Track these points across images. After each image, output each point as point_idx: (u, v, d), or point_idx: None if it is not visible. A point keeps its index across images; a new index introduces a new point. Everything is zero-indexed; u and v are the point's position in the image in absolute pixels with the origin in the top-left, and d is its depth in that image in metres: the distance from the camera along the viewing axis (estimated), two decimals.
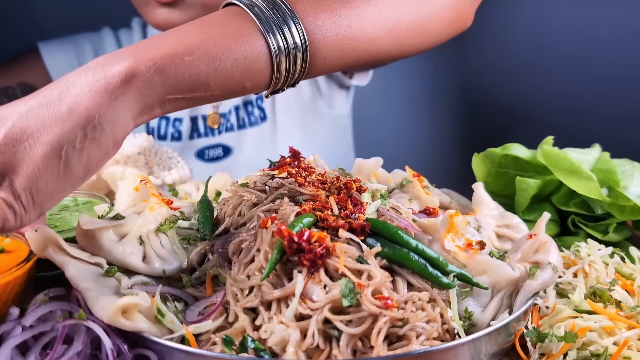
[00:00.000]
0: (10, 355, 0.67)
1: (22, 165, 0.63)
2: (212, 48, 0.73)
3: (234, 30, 0.76)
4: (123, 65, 0.67)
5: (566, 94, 1.82)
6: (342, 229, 0.73)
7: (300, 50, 0.78)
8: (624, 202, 1.00)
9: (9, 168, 0.63)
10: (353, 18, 0.85)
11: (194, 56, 0.72)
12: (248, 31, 0.76)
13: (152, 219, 0.86)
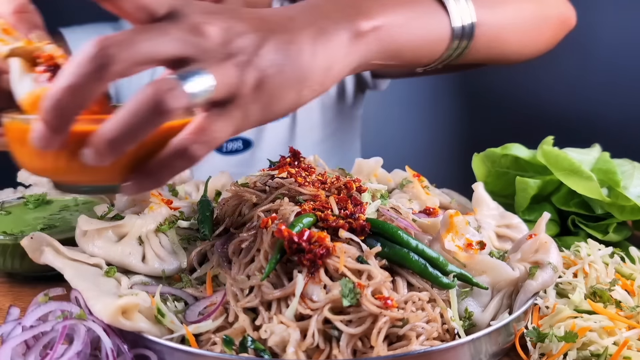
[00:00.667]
0: (11, 355, 0.67)
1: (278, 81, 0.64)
2: (417, 24, 0.83)
3: (431, 10, 0.86)
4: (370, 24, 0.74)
5: (566, 94, 1.82)
6: (342, 229, 0.73)
7: (467, 38, 0.90)
8: (624, 202, 1.00)
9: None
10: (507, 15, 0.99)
11: (403, 29, 0.80)
12: (441, 14, 0.87)
13: (151, 219, 0.86)
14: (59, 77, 0.52)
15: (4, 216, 1.02)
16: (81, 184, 0.62)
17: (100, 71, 0.51)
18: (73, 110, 0.53)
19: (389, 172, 1.05)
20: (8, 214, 1.03)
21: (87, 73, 0.51)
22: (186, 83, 0.54)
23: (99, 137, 0.53)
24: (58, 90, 0.52)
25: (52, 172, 0.61)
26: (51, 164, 0.59)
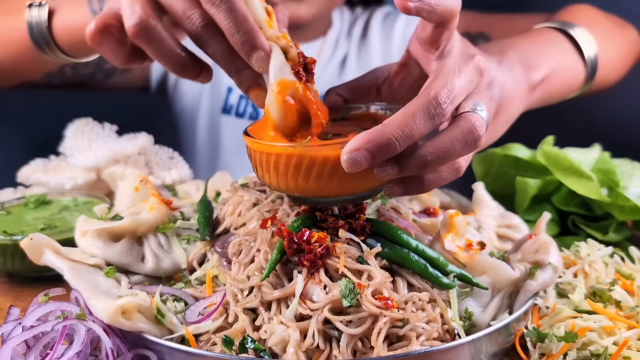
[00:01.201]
0: (11, 355, 0.67)
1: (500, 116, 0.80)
2: (565, 66, 1.01)
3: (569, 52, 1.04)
4: (539, 75, 0.91)
5: None
6: (342, 229, 0.73)
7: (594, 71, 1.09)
8: (623, 202, 1.00)
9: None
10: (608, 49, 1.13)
11: (557, 75, 0.96)
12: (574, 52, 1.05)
13: (151, 219, 0.86)
14: (399, 121, 0.61)
15: (4, 216, 1.02)
16: (344, 195, 0.71)
17: (432, 122, 0.62)
18: (396, 150, 0.62)
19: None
20: (8, 214, 1.03)
21: (420, 128, 0.62)
22: (482, 115, 0.66)
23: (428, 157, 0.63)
24: (396, 134, 0.61)
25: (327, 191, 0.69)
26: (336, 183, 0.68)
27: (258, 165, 0.71)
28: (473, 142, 0.65)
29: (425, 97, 0.63)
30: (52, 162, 1.19)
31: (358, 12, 1.65)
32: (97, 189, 1.18)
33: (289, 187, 0.70)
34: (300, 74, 0.69)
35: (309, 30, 1.54)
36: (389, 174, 0.64)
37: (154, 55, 0.71)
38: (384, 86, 0.82)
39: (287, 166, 0.67)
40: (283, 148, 0.67)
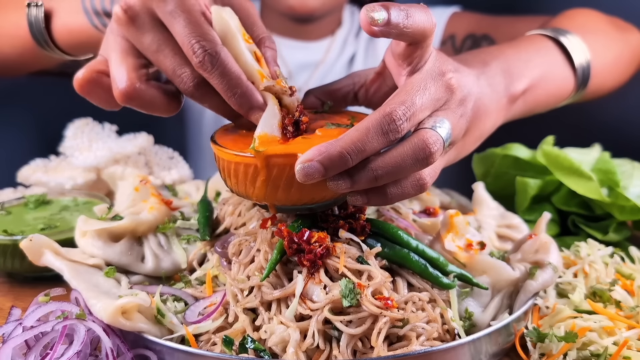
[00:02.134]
0: (11, 355, 0.67)
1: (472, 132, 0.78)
2: (552, 76, 0.98)
3: (557, 60, 1.00)
4: (521, 86, 0.89)
5: None
6: (342, 229, 0.73)
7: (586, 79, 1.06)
8: (623, 202, 1.00)
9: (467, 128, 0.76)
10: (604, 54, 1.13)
11: (541, 86, 0.94)
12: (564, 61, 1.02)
13: (151, 219, 0.86)
14: (351, 136, 0.62)
15: (4, 216, 1.02)
16: (307, 204, 0.70)
17: (386, 138, 0.63)
18: (348, 164, 0.62)
19: None
20: (8, 214, 1.03)
21: (373, 143, 0.62)
22: (440, 132, 0.66)
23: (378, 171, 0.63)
24: (348, 148, 0.61)
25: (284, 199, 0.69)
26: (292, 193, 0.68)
27: (221, 171, 0.72)
28: (424, 159, 0.64)
29: (381, 114, 0.63)
30: (52, 162, 1.19)
31: None
32: (97, 189, 1.18)
33: (249, 195, 0.70)
34: (288, 129, 0.68)
35: (317, 28, 1.55)
36: (341, 188, 0.64)
37: (141, 109, 0.71)
38: (360, 92, 0.83)
39: (245, 175, 0.68)
40: (242, 157, 0.67)
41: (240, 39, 0.66)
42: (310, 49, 1.59)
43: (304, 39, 1.59)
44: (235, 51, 0.66)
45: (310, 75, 1.59)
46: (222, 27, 0.65)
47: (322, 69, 1.59)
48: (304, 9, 1.45)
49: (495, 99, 0.83)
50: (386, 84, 0.81)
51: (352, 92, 0.82)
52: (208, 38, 0.64)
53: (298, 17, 1.51)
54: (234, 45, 0.66)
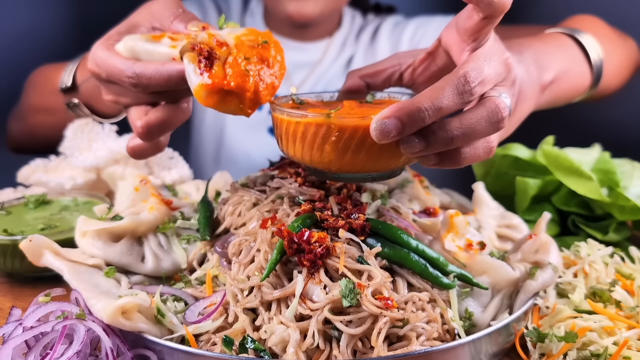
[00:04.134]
0: (12, 355, 0.67)
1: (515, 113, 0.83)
2: (573, 70, 1.04)
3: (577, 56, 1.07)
4: (550, 76, 0.93)
5: None
6: (342, 229, 0.73)
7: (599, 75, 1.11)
8: (624, 202, 1.00)
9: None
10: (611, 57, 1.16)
11: (564, 78, 0.99)
12: (582, 57, 1.08)
13: (151, 219, 0.86)
14: (428, 94, 0.63)
15: (4, 216, 1.02)
16: (370, 172, 0.72)
17: (461, 98, 0.65)
18: (425, 121, 0.63)
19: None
20: (8, 214, 1.03)
21: (449, 102, 0.64)
22: (506, 101, 0.69)
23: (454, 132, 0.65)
24: (426, 105, 0.63)
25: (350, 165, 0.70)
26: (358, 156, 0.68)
27: (284, 136, 0.72)
28: (497, 122, 0.67)
29: (455, 75, 0.65)
30: (52, 162, 1.19)
31: (370, 19, 1.72)
32: (97, 189, 1.18)
33: (314, 160, 0.70)
34: (202, 66, 0.69)
35: (315, 30, 1.58)
36: (415, 149, 0.65)
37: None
38: (406, 72, 0.84)
39: (314, 136, 0.68)
40: (313, 118, 0.68)
41: (144, 45, 0.74)
42: (308, 50, 1.62)
43: (302, 39, 1.61)
44: (147, 56, 0.74)
45: (307, 75, 1.62)
46: (129, 51, 0.74)
47: (319, 69, 1.62)
48: (302, 18, 1.48)
49: (531, 86, 0.86)
50: (435, 64, 0.82)
51: (397, 72, 0.84)
52: (124, 69, 0.73)
53: (296, 24, 1.53)
54: (143, 52, 0.74)
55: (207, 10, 1.66)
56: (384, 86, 0.84)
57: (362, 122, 0.66)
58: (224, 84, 0.67)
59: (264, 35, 0.73)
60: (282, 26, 1.60)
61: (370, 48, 1.64)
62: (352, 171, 0.71)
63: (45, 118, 1.34)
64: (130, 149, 0.80)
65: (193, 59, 0.69)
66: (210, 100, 0.68)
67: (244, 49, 0.69)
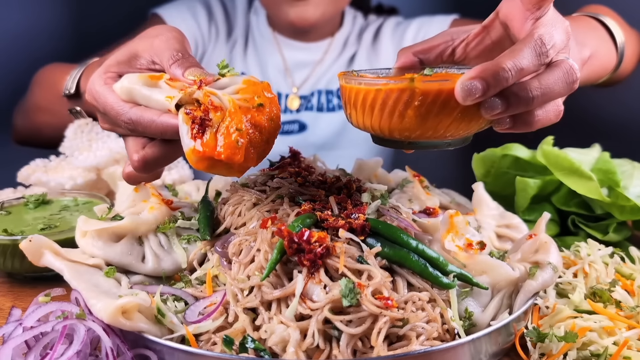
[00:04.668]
0: (11, 355, 0.67)
1: None
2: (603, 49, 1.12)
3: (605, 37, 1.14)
4: (587, 53, 0.99)
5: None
6: (342, 229, 0.73)
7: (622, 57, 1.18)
8: (624, 202, 1.00)
9: None
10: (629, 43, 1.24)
11: (597, 56, 1.06)
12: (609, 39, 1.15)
13: (152, 219, 0.86)
14: (509, 56, 0.66)
15: (4, 216, 1.02)
16: (443, 139, 0.73)
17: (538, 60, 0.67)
18: (508, 81, 0.66)
19: (389, 172, 1.05)
20: (8, 214, 1.03)
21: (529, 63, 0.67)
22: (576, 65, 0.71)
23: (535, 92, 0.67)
24: (509, 65, 0.65)
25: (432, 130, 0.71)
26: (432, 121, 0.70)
27: (359, 106, 0.72)
28: (572, 82, 0.69)
29: (532, 37, 0.68)
30: (52, 162, 1.19)
31: (371, 19, 1.75)
32: (97, 189, 1.18)
33: (393, 127, 0.71)
34: (195, 132, 0.69)
35: (317, 31, 1.60)
36: (497, 110, 0.67)
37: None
38: (459, 47, 0.85)
39: (396, 103, 0.69)
40: (395, 84, 0.69)
41: (141, 89, 0.74)
42: (309, 49, 1.63)
43: (304, 40, 1.62)
44: (143, 101, 0.74)
45: (309, 73, 1.64)
46: (126, 93, 0.74)
47: (320, 68, 1.64)
48: (304, 24, 1.50)
49: (576, 60, 0.88)
50: (489, 37, 0.83)
51: (450, 48, 0.84)
52: (121, 113, 0.74)
53: (298, 30, 1.55)
54: (140, 97, 0.74)
55: (213, 8, 1.67)
56: (436, 62, 0.85)
57: (445, 85, 0.67)
58: (214, 154, 0.68)
59: (263, 89, 0.73)
60: (283, 27, 1.61)
61: (373, 47, 1.66)
62: (431, 137, 0.72)
63: (48, 118, 1.34)
64: (126, 175, 0.81)
65: (187, 121, 0.69)
66: (201, 164, 0.69)
67: (237, 116, 0.69)
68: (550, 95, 0.69)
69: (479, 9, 1.65)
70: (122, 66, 0.78)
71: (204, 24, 1.63)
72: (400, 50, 0.84)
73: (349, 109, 0.75)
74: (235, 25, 1.69)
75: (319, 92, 1.66)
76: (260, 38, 1.66)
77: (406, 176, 1.01)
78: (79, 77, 1.20)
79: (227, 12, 1.70)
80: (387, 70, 0.84)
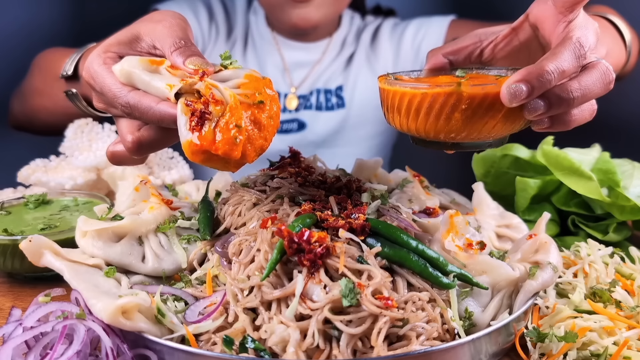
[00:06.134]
0: (12, 355, 0.67)
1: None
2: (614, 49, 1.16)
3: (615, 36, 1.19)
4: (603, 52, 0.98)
5: None
6: (342, 229, 0.73)
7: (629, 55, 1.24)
8: (624, 202, 1.00)
9: None
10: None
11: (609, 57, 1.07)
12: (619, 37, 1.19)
13: (151, 219, 0.86)
14: (551, 59, 0.68)
15: (4, 216, 1.02)
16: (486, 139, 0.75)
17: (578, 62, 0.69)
18: (552, 83, 0.68)
19: (389, 172, 1.05)
20: (8, 214, 1.03)
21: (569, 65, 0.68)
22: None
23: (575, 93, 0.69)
24: (552, 68, 0.67)
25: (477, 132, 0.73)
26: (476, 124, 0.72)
27: (404, 109, 0.74)
28: (609, 83, 0.71)
29: (570, 40, 0.70)
30: (52, 162, 1.19)
31: (369, 20, 1.76)
32: (97, 189, 1.18)
33: (439, 130, 0.73)
34: (193, 124, 0.68)
35: (315, 32, 1.61)
36: (539, 111, 0.68)
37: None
38: (487, 48, 0.86)
39: (443, 106, 0.71)
40: (441, 88, 0.70)
41: (141, 74, 0.73)
42: (308, 50, 1.64)
43: (303, 40, 1.63)
44: (142, 86, 0.73)
45: (307, 73, 1.65)
46: (125, 76, 0.73)
47: (319, 68, 1.65)
48: (307, 25, 1.51)
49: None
50: (517, 39, 0.84)
51: (478, 49, 0.86)
52: (118, 96, 0.73)
53: (301, 32, 1.56)
54: (139, 82, 0.73)
55: (214, 8, 1.68)
56: (465, 63, 0.86)
57: (491, 89, 0.69)
58: (211, 149, 0.67)
59: (264, 85, 0.72)
60: (283, 28, 1.62)
61: (372, 48, 1.68)
62: (475, 138, 0.74)
63: (45, 102, 1.34)
64: (110, 154, 0.79)
65: (186, 112, 0.68)
66: (197, 157, 0.68)
67: (237, 113, 0.68)
68: (589, 96, 0.70)
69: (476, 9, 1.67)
70: (122, 47, 0.77)
71: (204, 23, 1.63)
72: (430, 51, 0.86)
73: (391, 113, 0.76)
74: (235, 25, 1.69)
75: (318, 91, 1.66)
76: (259, 38, 1.66)
77: (406, 176, 1.01)
78: (78, 60, 1.19)
79: (227, 11, 1.70)
80: (418, 72, 0.85)
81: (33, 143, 1.58)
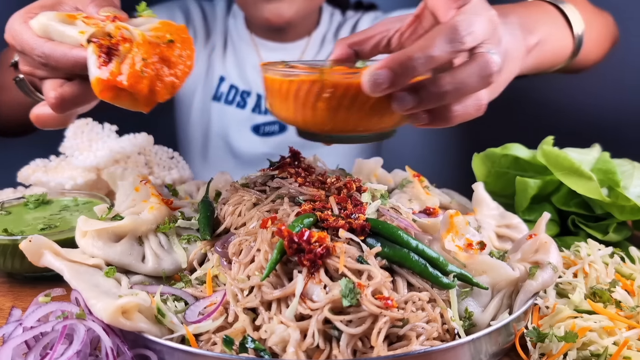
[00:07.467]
0: (11, 355, 0.67)
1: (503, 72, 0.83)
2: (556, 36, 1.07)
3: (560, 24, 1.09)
4: (535, 39, 0.95)
5: (566, 94, 1.82)
6: (342, 229, 0.73)
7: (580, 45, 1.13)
8: (624, 202, 1.00)
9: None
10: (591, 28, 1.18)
11: (548, 42, 1.01)
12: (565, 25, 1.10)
13: (151, 219, 0.86)
14: (419, 44, 0.63)
15: (4, 216, 1.02)
16: (362, 132, 0.71)
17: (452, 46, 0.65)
18: (417, 70, 0.63)
19: (389, 172, 1.05)
20: (8, 214, 1.03)
21: (440, 51, 0.64)
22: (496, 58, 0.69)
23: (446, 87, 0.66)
24: (417, 53, 0.63)
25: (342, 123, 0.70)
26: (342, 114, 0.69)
27: (276, 96, 0.72)
28: (487, 77, 0.67)
29: (445, 25, 0.66)
30: (52, 162, 1.19)
31: (349, 15, 1.75)
32: (97, 189, 1.18)
33: (307, 120, 0.70)
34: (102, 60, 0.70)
35: (294, 30, 1.61)
36: (407, 105, 0.65)
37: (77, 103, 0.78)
38: (394, 37, 0.84)
39: (307, 94, 0.68)
40: (306, 75, 0.68)
41: (57, 25, 0.74)
42: (286, 49, 1.64)
43: (282, 40, 1.64)
44: (58, 36, 0.74)
45: None
46: (42, 29, 0.75)
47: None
48: (279, 20, 1.50)
49: (517, 47, 0.87)
50: (422, 27, 0.83)
51: (385, 38, 0.84)
52: (34, 47, 0.74)
53: (274, 28, 1.56)
54: (55, 33, 0.74)
55: (191, 14, 1.68)
56: (372, 53, 0.84)
57: (355, 79, 0.66)
58: (117, 82, 0.68)
59: (178, 30, 0.73)
60: (260, 27, 1.62)
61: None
62: (344, 131, 0.71)
63: (4, 96, 1.33)
64: (34, 117, 0.80)
65: (96, 51, 0.70)
66: (105, 94, 0.69)
67: (144, 48, 0.70)
68: (464, 90, 0.67)
69: None
70: (44, 10, 0.78)
71: None
72: (337, 41, 0.84)
73: (268, 99, 0.75)
74: (214, 30, 1.70)
75: None
76: (238, 40, 1.66)
77: (406, 176, 1.01)
78: None
79: (205, 17, 1.71)
80: (322, 62, 0.84)
81: (33, 143, 1.58)
